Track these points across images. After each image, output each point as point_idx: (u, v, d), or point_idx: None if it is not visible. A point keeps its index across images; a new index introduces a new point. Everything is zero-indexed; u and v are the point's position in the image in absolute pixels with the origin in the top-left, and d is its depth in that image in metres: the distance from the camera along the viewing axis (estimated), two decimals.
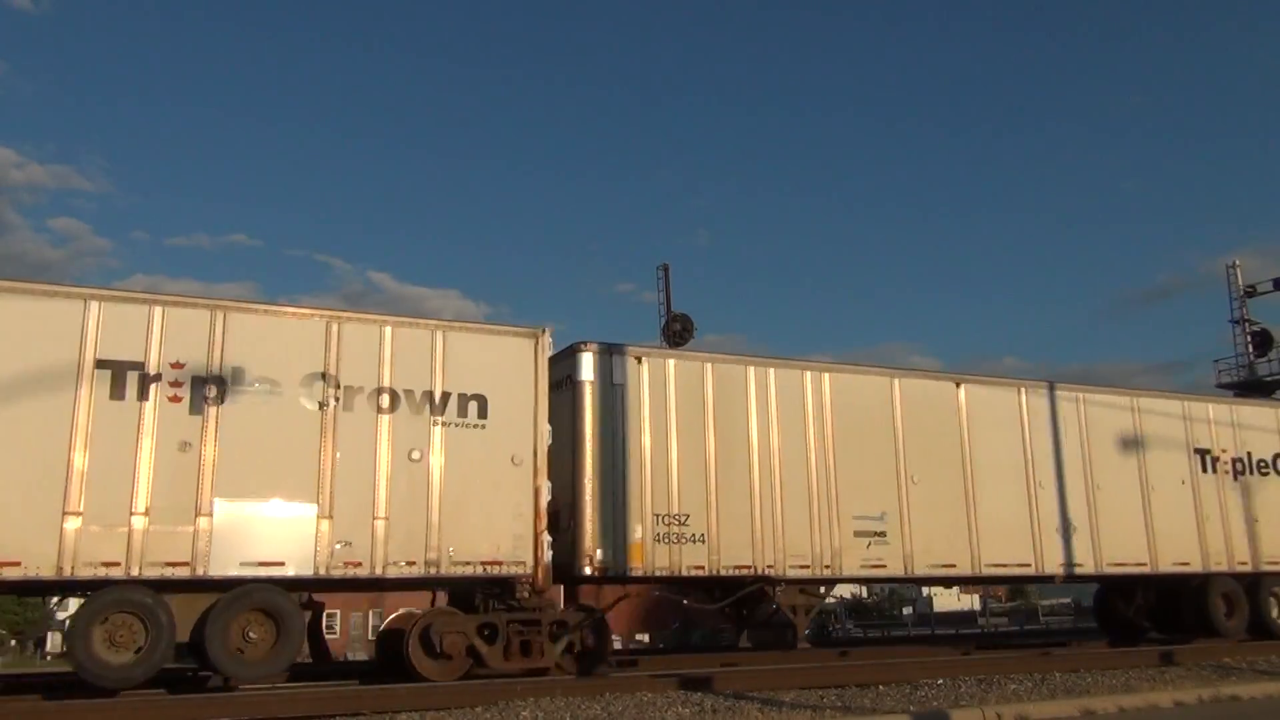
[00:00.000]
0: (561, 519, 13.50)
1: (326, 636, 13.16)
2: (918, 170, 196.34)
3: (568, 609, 13.57)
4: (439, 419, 12.38)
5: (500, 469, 12.56)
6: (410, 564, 11.94)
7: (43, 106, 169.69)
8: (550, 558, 12.65)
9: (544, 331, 13.24)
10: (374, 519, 11.83)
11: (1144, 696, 10.70)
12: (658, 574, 13.81)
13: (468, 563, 12.20)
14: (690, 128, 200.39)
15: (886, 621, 62.03)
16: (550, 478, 13.03)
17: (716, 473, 14.40)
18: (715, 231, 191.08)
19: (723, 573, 14.22)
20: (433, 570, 12.04)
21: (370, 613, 61.40)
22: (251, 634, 11.26)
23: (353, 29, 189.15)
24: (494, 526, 12.37)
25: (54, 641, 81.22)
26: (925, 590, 59.30)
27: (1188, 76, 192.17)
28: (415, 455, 12.12)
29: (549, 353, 13.24)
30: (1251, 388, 33.54)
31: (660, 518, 13.86)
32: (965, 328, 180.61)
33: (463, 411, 12.54)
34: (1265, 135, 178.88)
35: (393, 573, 11.85)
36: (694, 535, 14.00)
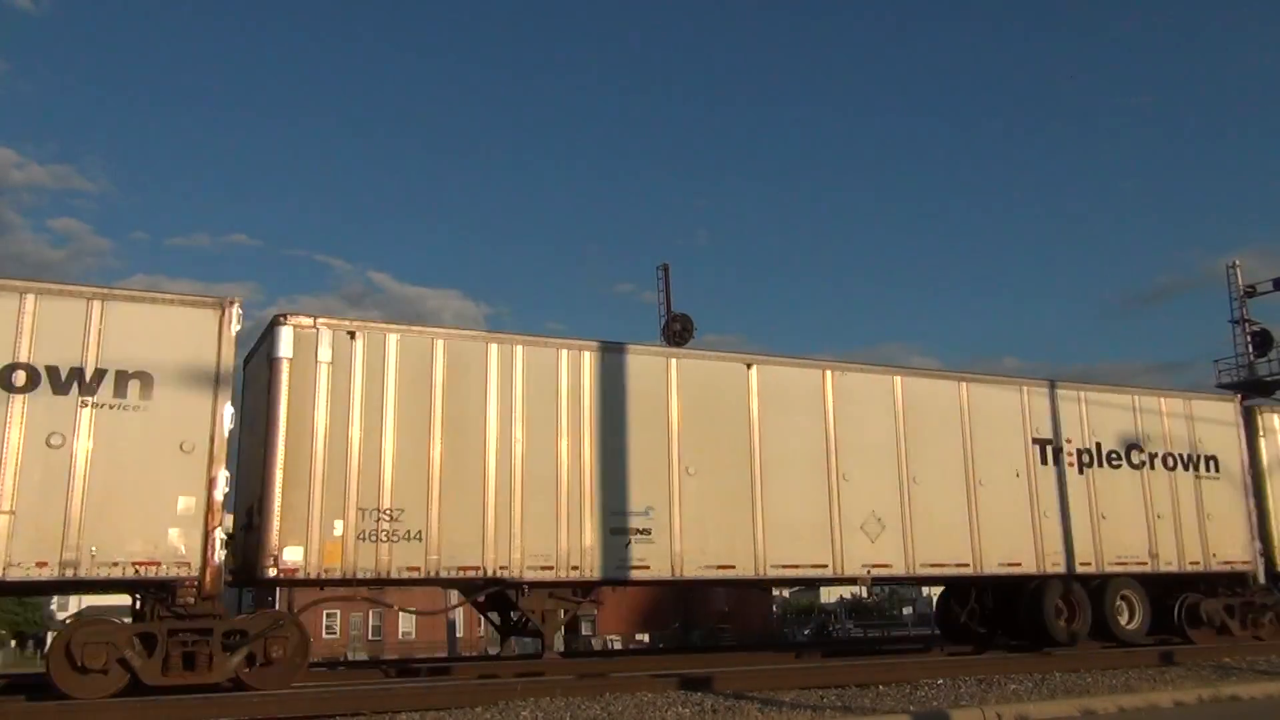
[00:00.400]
0: (253, 515, 12.39)
1: (326, 636, 13.02)
2: (918, 170, 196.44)
3: (254, 615, 12.16)
4: (89, 399, 10.94)
5: (166, 457, 11.11)
6: (40, 565, 10.47)
7: (43, 107, 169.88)
8: (222, 558, 11.36)
9: (231, 303, 11.83)
10: None
11: (1144, 696, 10.71)
12: (360, 575, 12.26)
13: (115, 563, 10.74)
14: (690, 128, 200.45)
15: (886, 621, 62.07)
16: (241, 468, 12.01)
17: (442, 463, 12.79)
18: (715, 231, 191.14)
19: (444, 574, 12.72)
20: (69, 572, 10.56)
21: (370, 613, 61.53)
22: None
23: (352, 29, 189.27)
24: (153, 522, 10.94)
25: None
26: (925, 590, 59.32)
27: (1188, 77, 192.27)
28: (55, 440, 10.73)
29: (236, 326, 11.79)
30: (1252, 388, 33.55)
31: (366, 513, 12.30)
32: (965, 328, 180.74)
33: (120, 391, 11.08)
34: (1265, 135, 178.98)
35: (14, 575, 10.37)
36: (408, 533, 12.42)
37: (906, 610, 67.77)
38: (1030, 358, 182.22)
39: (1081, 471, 17.20)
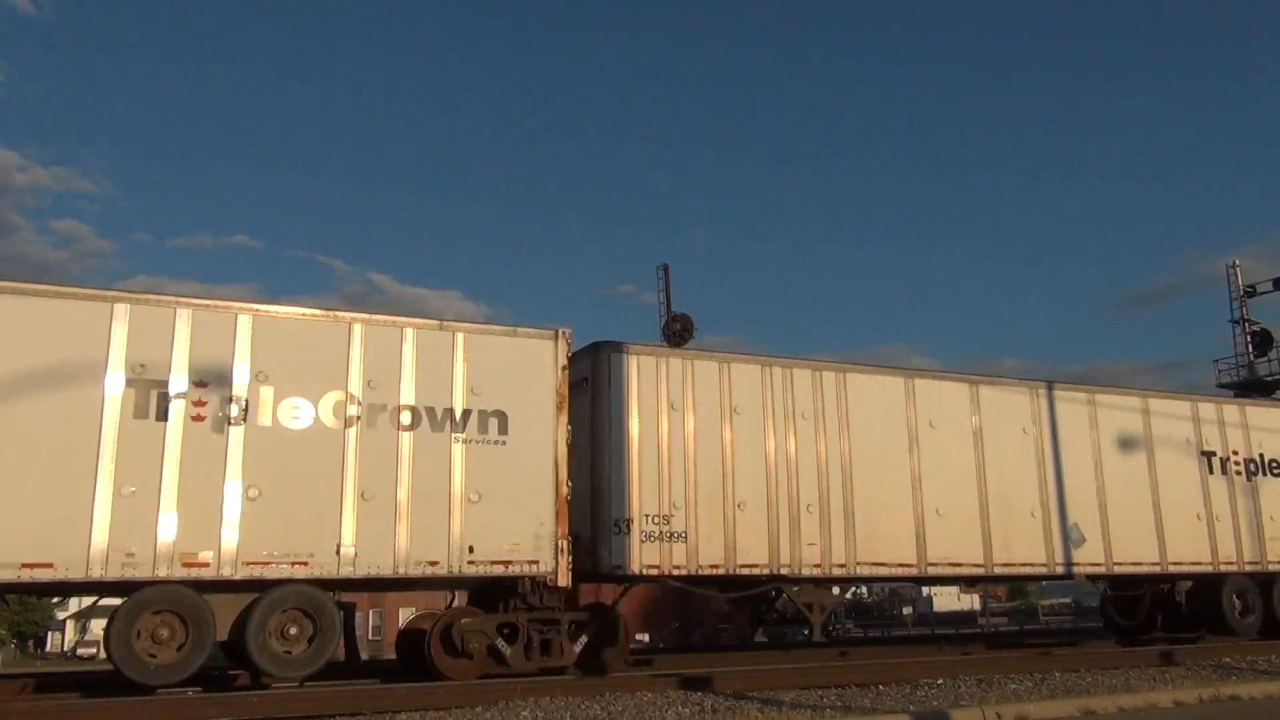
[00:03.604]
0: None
1: None
2: (918, 171, 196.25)
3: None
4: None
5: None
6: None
7: (45, 109, 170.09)
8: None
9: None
10: None
11: (1144, 696, 10.71)
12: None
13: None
14: (690, 129, 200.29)
15: (887, 621, 62.02)
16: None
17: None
18: (715, 232, 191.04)
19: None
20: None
21: (370, 612, 61.48)
22: None
23: (353, 30, 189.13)
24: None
25: (54, 641, 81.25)
26: (925, 590, 59.31)
27: (1188, 77, 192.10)
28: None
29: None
30: (1251, 388, 33.50)
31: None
32: (965, 328, 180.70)
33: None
34: (1265, 135, 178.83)
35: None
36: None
37: (906, 610, 67.79)
38: (1030, 358, 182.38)
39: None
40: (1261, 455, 19.05)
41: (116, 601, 11.01)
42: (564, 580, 12.55)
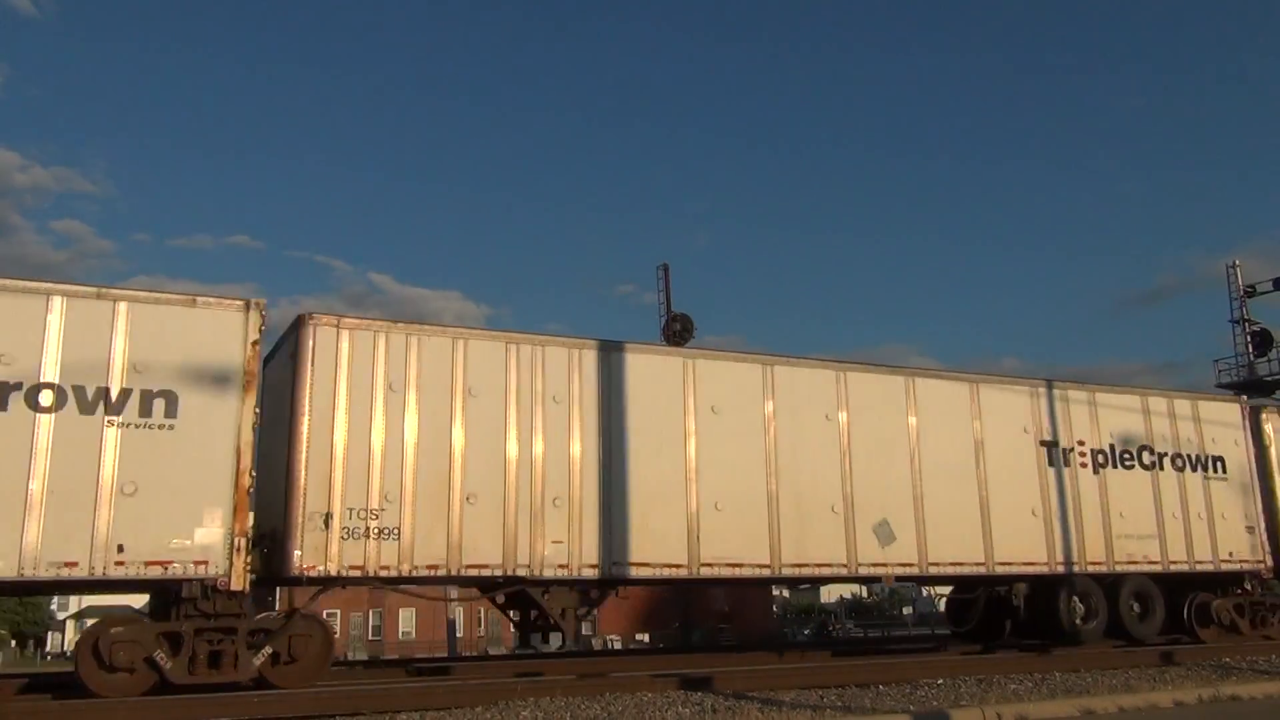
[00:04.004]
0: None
1: None
2: (917, 170, 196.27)
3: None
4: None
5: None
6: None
7: (46, 110, 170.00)
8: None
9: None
10: None
11: (1144, 696, 10.70)
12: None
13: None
14: (690, 129, 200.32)
15: (886, 622, 62.05)
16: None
17: None
18: (715, 232, 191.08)
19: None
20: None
21: (370, 612, 61.50)
22: None
23: (353, 31, 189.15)
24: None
25: (54, 641, 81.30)
26: (925, 590, 59.32)
27: (1188, 77, 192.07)
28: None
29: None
30: (1252, 388, 33.51)
31: None
32: (965, 328, 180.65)
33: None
34: (1265, 135, 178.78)
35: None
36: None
37: (907, 610, 67.83)
38: (1030, 358, 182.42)
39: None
40: (1112, 446, 17.31)
41: (117, 601, 10.91)
42: (239, 583, 10.99)
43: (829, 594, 77.82)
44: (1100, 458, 17.09)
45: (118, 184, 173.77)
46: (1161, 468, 17.64)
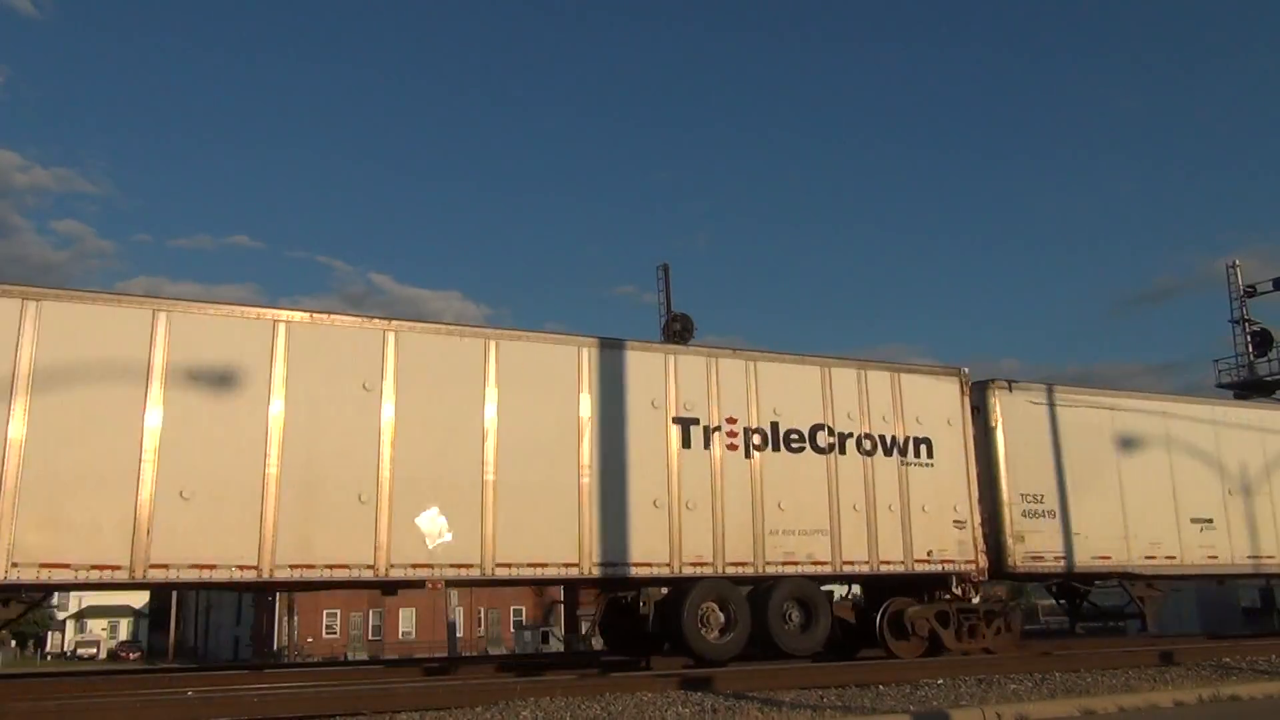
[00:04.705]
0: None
1: (326, 636, 12.92)
2: (917, 171, 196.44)
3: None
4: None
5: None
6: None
7: (46, 110, 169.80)
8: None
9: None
10: None
11: (1144, 696, 10.70)
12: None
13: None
14: (689, 129, 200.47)
15: None
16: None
17: None
18: (715, 232, 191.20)
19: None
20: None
21: (370, 612, 61.50)
22: None
23: (353, 32, 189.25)
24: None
25: (53, 641, 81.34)
26: None
27: (1187, 77, 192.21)
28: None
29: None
30: (1252, 387, 33.53)
31: None
32: (965, 328, 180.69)
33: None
34: (1265, 135, 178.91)
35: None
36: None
37: None
38: (1030, 359, 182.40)
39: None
40: (775, 425, 14.49)
41: (116, 601, 10.90)
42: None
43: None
44: (757, 438, 14.27)
45: (118, 184, 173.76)
46: (843, 451, 14.84)
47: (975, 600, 15.73)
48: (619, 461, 13.51)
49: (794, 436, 14.68)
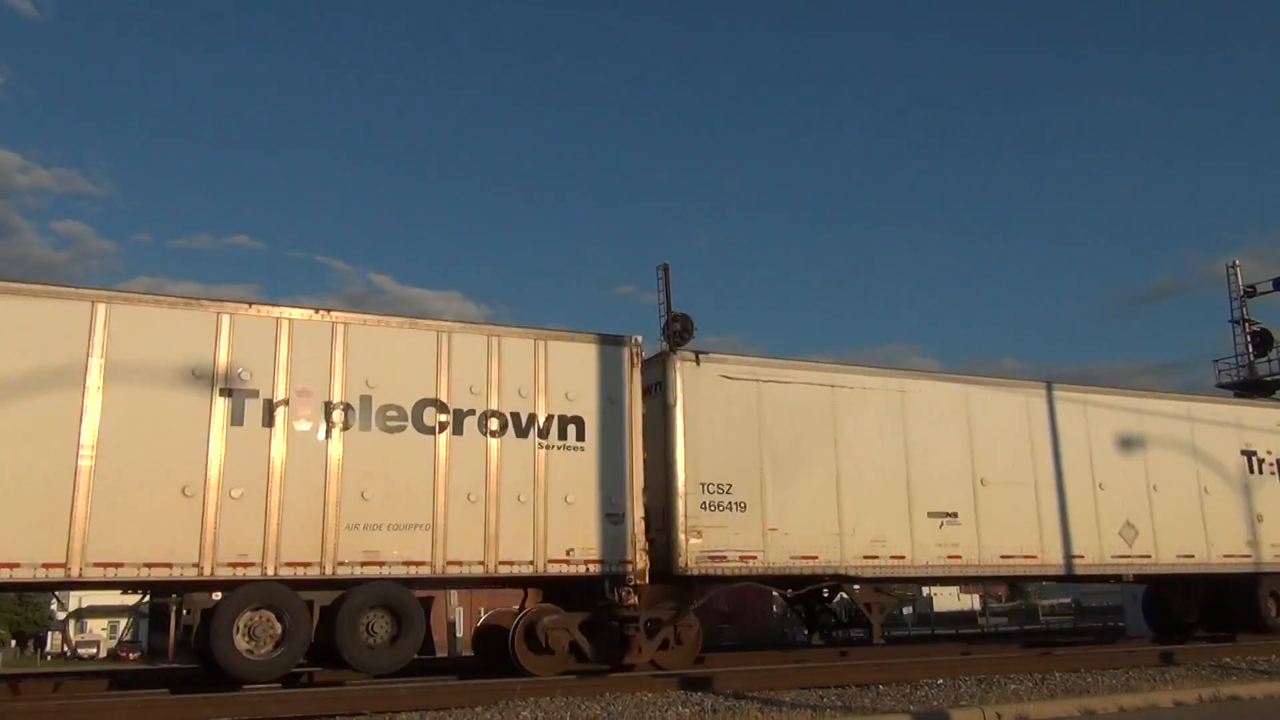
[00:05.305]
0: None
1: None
2: (916, 171, 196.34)
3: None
4: None
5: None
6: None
7: (47, 111, 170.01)
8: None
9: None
10: None
11: (1144, 696, 10.69)
12: None
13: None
14: (689, 130, 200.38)
15: (887, 621, 61.92)
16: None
17: None
18: (714, 233, 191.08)
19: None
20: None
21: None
22: None
23: (353, 34, 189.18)
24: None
25: (54, 641, 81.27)
26: (925, 590, 59.26)
27: (1186, 78, 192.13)
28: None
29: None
30: (1252, 387, 33.47)
31: None
32: (965, 328, 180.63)
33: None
34: (1264, 136, 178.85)
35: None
36: None
37: (906, 610, 67.71)
38: (1029, 359, 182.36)
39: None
40: (367, 399, 12.50)
41: (116, 601, 10.85)
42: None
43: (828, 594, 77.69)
44: (339, 415, 12.27)
45: (118, 185, 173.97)
46: (459, 431, 12.77)
47: (632, 604, 13.25)
48: (137, 441, 11.31)
49: (392, 413, 12.50)
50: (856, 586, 15.58)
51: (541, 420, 13.16)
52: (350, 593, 12.01)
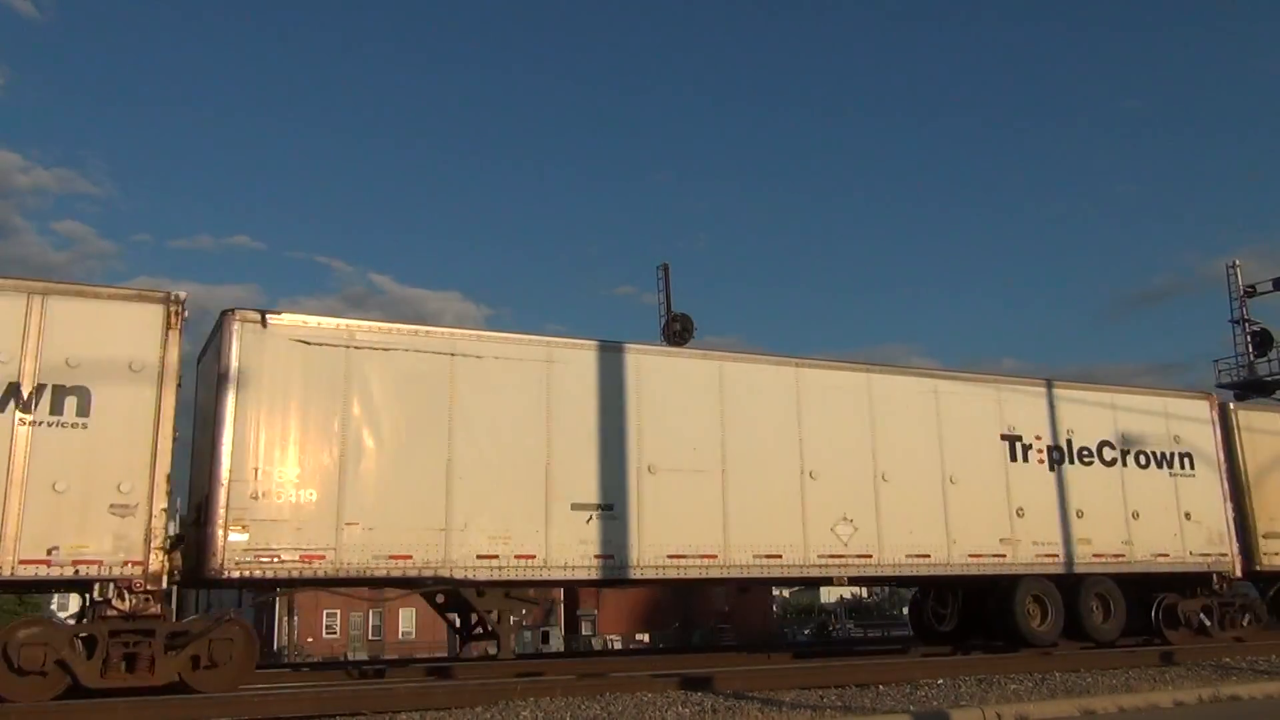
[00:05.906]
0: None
1: (326, 636, 12.54)
2: (916, 171, 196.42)
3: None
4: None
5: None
6: None
7: (47, 111, 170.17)
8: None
9: None
10: None
11: (1144, 696, 10.70)
12: None
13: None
14: (689, 130, 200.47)
15: (887, 621, 62.06)
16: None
17: None
18: (714, 233, 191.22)
19: None
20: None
21: (370, 612, 61.50)
22: None
23: (353, 32, 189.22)
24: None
25: None
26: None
27: (1186, 78, 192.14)
28: None
29: None
30: (1252, 388, 33.49)
31: None
32: (964, 328, 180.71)
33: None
34: (1264, 135, 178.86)
35: None
36: None
37: (905, 610, 67.81)
38: (1029, 358, 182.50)
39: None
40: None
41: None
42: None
43: (829, 594, 77.85)
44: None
45: (119, 185, 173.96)
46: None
47: (151, 614, 10.88)
48: None
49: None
50: (481, 593, 12.73)
51: (26, 391, 10.72)
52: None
